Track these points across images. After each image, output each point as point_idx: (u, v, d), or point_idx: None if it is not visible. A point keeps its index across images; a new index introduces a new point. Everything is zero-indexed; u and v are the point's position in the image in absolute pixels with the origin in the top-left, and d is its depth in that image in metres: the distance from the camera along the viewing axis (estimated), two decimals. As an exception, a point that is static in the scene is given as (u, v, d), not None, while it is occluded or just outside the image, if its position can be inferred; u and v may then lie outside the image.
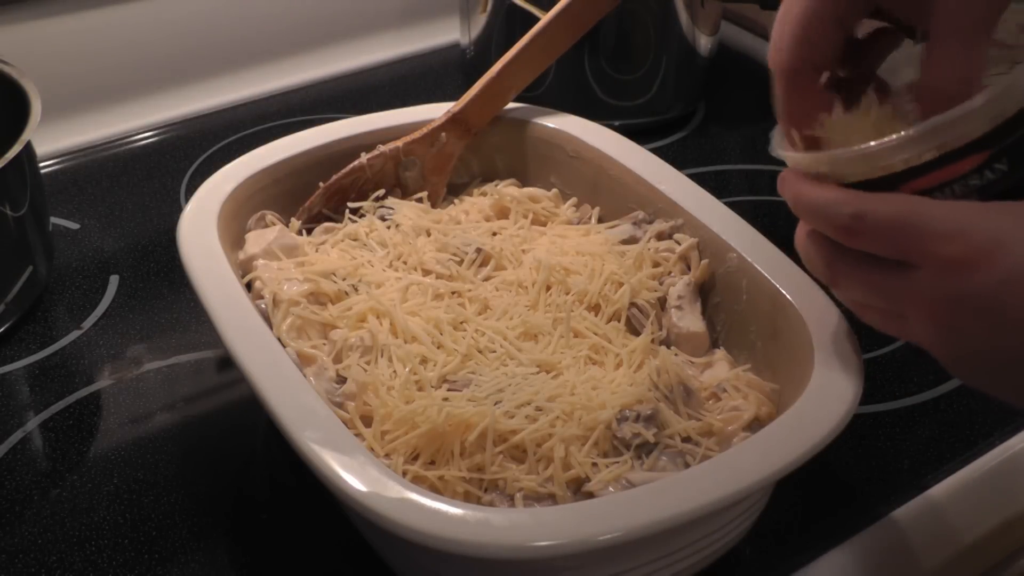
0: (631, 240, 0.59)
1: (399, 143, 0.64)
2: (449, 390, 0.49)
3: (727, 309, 0.54)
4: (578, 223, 0.62)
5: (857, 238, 0.40)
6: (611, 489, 0.44)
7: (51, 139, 0.83)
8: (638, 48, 0.83)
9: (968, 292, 0.37)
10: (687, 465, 0.46)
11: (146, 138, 0.88)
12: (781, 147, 0.45)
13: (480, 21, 0.86)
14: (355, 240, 0.59)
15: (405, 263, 0.57)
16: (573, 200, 0.64)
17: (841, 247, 0.41)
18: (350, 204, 0.61)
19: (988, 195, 0.39)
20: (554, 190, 0.64)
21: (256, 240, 0.58)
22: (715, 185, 0.66)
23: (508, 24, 0.83)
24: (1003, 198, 0.39)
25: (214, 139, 0.87)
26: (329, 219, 0.62)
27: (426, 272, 0.57)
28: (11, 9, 0.82)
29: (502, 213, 0.63)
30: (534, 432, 0.46)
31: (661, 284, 0.56)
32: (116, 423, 0.60)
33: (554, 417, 0.46)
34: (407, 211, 0.61)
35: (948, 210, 0.38)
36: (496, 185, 0.64)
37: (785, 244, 0.49)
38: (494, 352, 0.51)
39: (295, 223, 0.61)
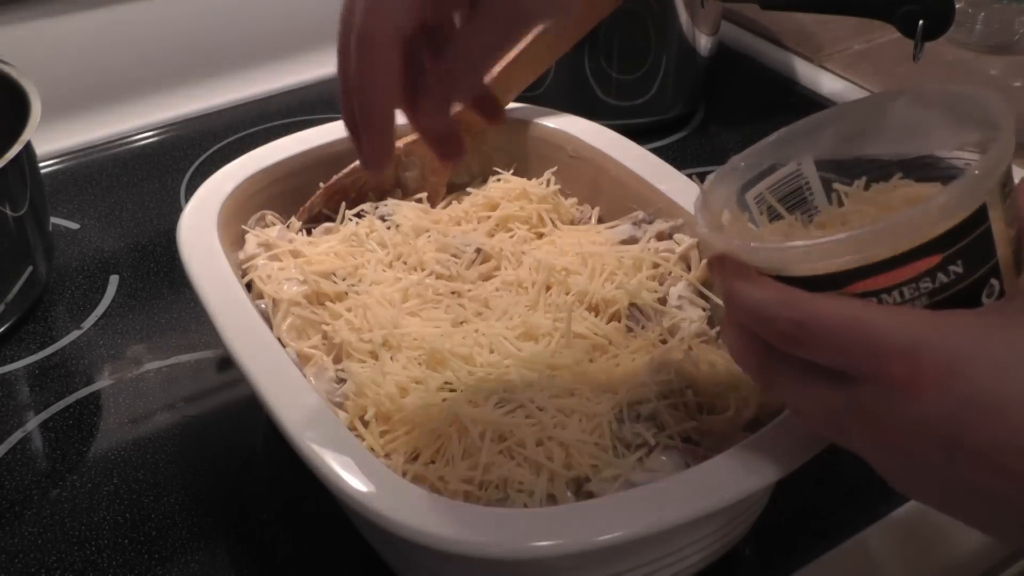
0: (631, 240, 0.59)
1: (399, 143, 0.64)
2: (450, 391, 0.49)
3: (727, 309, 0.54)
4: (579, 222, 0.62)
5: (798, 346, 0.36)
6: (611, 489, 0.44)
7: (51, 139, 0.83)
8: (638, 48, 0.83)
9: (918, 416, 0.34)
10: (687, 465, 0.46)
11: (146, 138, 0.88)
12: (710, 227, 0.41)
13: (480, 21, 0.86)
14: (355, 240, 0.59)
15: (405, 263, 0.57)
16: (573, 200, 0.64)
17: (777, 349, 0.38)
18: (350, 210, 0.61)
19: (938, 299, 0.36)
20: (553, 187, 0.64)
21: (256, 240, 0.58)
22: (715, 185, 0.66)
23: (508, 24, 0.83)
24: (952, 303, 0.36)
25: (214, 139, 0.87)
26: (329, 219, 0.62)
27: (426, 272, 0.57)
28: (11, 9, 0.82)
29: (496, 213, 0.62)
30: (534, 432, 0.46)
31: (661, 284, 0.56)
32: (116, 423, 0.60)
33: (554, 417, 0.46)
34: (407, 211, 0.61)
35: (899, 322, 0.34)
36: (498, 180, 0.64)
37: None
38: (494, 352, 0.51)
39: (295, 223, 0.61)
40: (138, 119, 0.89)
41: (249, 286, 0.55)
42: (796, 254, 0.37)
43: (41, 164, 0.79)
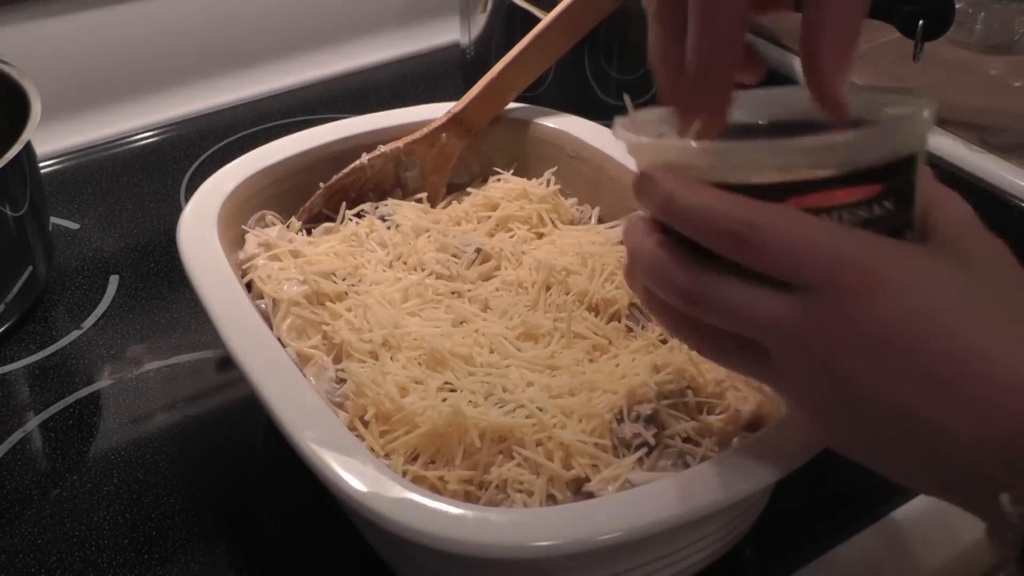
0: (631, 240, 0.59)
1: (400, 143, 0.64)
2: (450, 391, 0.49)
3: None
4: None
5: (746, 250, 0.34)
6: (611, 489, 0.44)
7: (51, 139, 0.83)
8: (638, 48, 0.83)
9: (864, 325, 0.33)
10: (687, 465, 0.46)
11: (146, 138, 0.88)
12: (632, 131, 0.38)
13: (480, 21, 0.86)
14: (355, 240, 0.59)
15: (405, 263, 0.57)
16: (573, 200, 0.64)
17: (706, 262, 0.36)
18: (350, 210, 0.61)
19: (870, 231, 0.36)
20: (553, 187, 0.64)
21: (256, 240, 0.58)
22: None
23: (508, 24, 0.83)
24: None
25: (214, 139, 0.87)
26: (329, 219, 0.62)
27: (426, 272, 0.57)
28: (11, 9, 0.82)
29: (497, 213, 0.62)
30: (534, 432, 0.46)
31: (661, 284, 0.56)
32: (116, 423, 0.60)
33: (554, 417, 0.46)
34: (407, 211, 0.61)
35: (852, 235, 0.34)
36: (498, 180, 0.64)
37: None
38: (494, 352, 0.51)
39: (295, 223, 0.61)
40: (138, 119, 0.89)
41: (249, 286, 0.55)
42: (752, 155, 0.36)
43: (41, 164, 0.79)
